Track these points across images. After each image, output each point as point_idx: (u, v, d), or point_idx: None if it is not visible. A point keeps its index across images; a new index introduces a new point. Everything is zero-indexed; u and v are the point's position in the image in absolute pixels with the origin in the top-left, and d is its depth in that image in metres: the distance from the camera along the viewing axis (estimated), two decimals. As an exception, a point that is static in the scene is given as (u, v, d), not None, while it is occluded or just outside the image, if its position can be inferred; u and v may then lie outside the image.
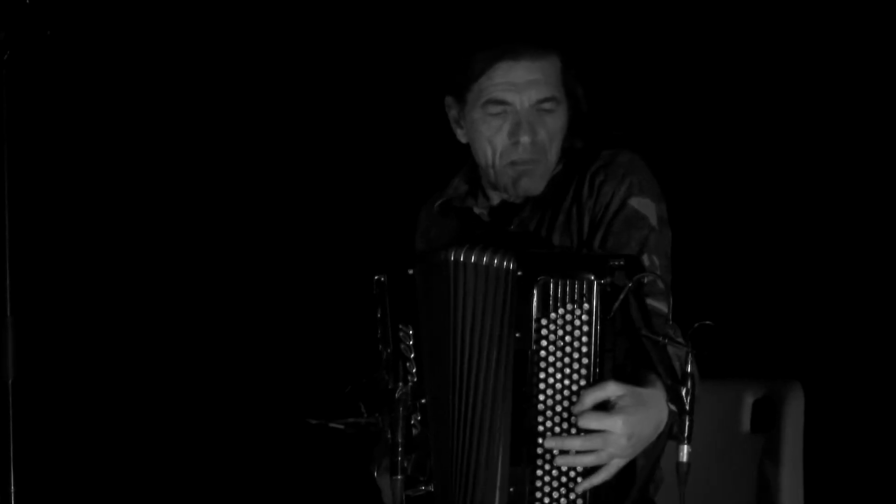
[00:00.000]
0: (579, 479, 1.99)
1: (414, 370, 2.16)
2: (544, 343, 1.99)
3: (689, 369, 1.90)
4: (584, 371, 1.98)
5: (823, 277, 3.09)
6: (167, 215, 3.74)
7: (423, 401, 2.16)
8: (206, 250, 3.73)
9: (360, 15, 3.57)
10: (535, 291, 1.98)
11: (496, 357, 2.05)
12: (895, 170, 3.04)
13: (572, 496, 1.99)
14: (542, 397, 2.00)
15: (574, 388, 1.99)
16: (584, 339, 1.97)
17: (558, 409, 1.99)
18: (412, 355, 2.15)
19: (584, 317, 1.97)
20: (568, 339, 1.98)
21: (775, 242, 3.13)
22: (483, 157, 2.32)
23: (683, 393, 1.90)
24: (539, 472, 2.00)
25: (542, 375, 1.99)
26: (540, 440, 2.00)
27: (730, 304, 2.21)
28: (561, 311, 1.97)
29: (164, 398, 3.69)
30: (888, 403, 3.00)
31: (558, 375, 1.98)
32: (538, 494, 2.00)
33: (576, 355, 1.98)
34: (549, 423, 2.00)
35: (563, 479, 2.00)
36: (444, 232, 2.46)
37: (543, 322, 1.99)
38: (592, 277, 1.96)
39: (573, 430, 1.98)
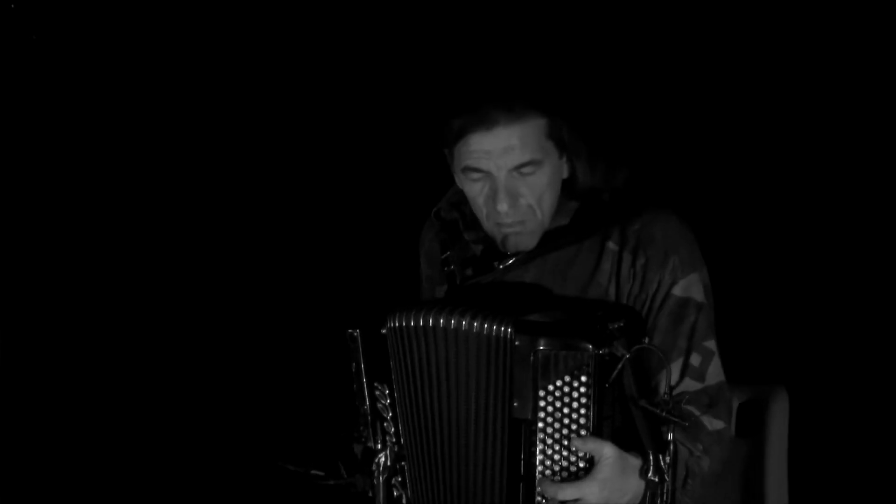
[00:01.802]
0: None
1: (392, 430, 2.11)
2: (542, 414, 1.95)
3: (669, 437, 1.89)
4: (584, 433, 1.95)
5: (808, 282, 3.08)
6: (152, 225, 3.72)
7: (402, 463, 2.11)
8: (191, 270, 3.70)
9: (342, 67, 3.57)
10: (533, 362, 1.93)
11: (493, 426, 2.00)
12: (877, 175, 3.04)
13: None
14: (540, 468, 1.97)
15: (572, 458, 1.96)
16: (583, 410, 1.94)
17: (556, 479, 1.97)
18: (389, 415, 2.10)
19: (582, 388, 1.93)
20: (566, 410, 1.94)
21: (760, 247, 3.10)
22: (475, 212, 2.23)
23: (662, 462, 1.90)
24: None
25: (540, 446, 1.96)
26: (539, 511, 1.98)
27: (716, 308, 2.21)
28: (559, 382, 1.93)
29: (144, 416, 3.69)
30: (873, 407, 3.00)
31: (556, 447, 1.96)
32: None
33: (574, 427, 1.95)
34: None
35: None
36: (435, 254, 2.39)
37: (542, 393, 1.94)
38: (591, 348, 1.91)
39: None
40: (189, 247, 3.69)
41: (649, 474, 1.92)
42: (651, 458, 1.91)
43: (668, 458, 1.90)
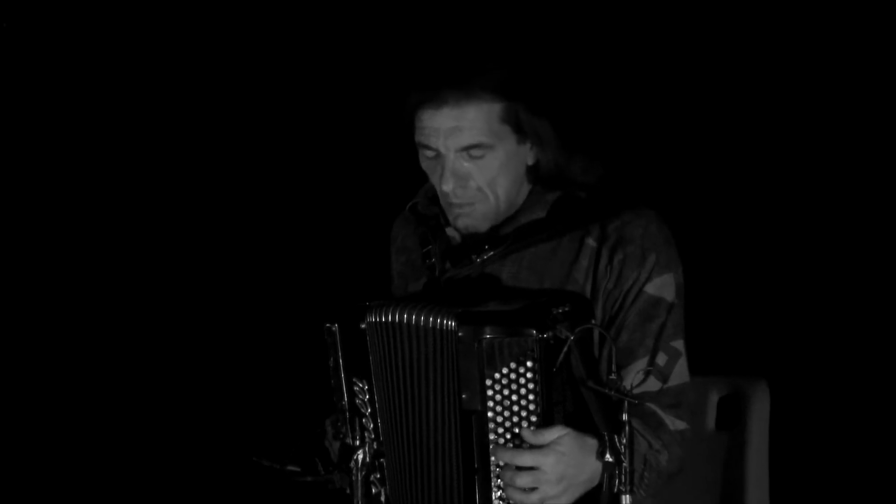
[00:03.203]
0: None
1: (371, 426, 2.11)
2: (491, 403, 1.95)
3: (624, 418, 1.89)
4: (532, 428, 1.94)
5: (789, 275, 3.09)
6: (130, 222, 3.72)
7: (381, 459, 2.12)
8: (169, 266, 3.71)
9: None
10: (477, 351, 1.94)
11: (449, 420, 2.01)
12: (855, 168, 3.05)
13: None
14: (493, 458, 1.97)
15: (525, 445, 1.95)
16: (531, 396, 1.93)
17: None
18: (368, 411, 2.11)
19: (529, 374, 1.93)
20: (514, 397, 1.94)
21: (740, 239, 3.12)
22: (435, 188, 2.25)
23: (618, 442, 1.90)
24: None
25: (491, 436, 1.96)
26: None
27: (695, 301, 2.20)
28: (505, 370, 1.93)
29: (120, 411, 3.67)
30: (853, 400, 3.01)
31: (508, 435, 1.95)
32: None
33: (524, 413, 1.94)
34: (501, 482, 1.97)
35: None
36: (409, 249, 2.40)
37: (488, 382, 1.94)
38: (535, 332, 1.91)
39: None
40: (167, 243, 3.68)
41: (606, 456, 1.93)
42: (606, 438, 1.92)
43: (623, 440, 1.90)
